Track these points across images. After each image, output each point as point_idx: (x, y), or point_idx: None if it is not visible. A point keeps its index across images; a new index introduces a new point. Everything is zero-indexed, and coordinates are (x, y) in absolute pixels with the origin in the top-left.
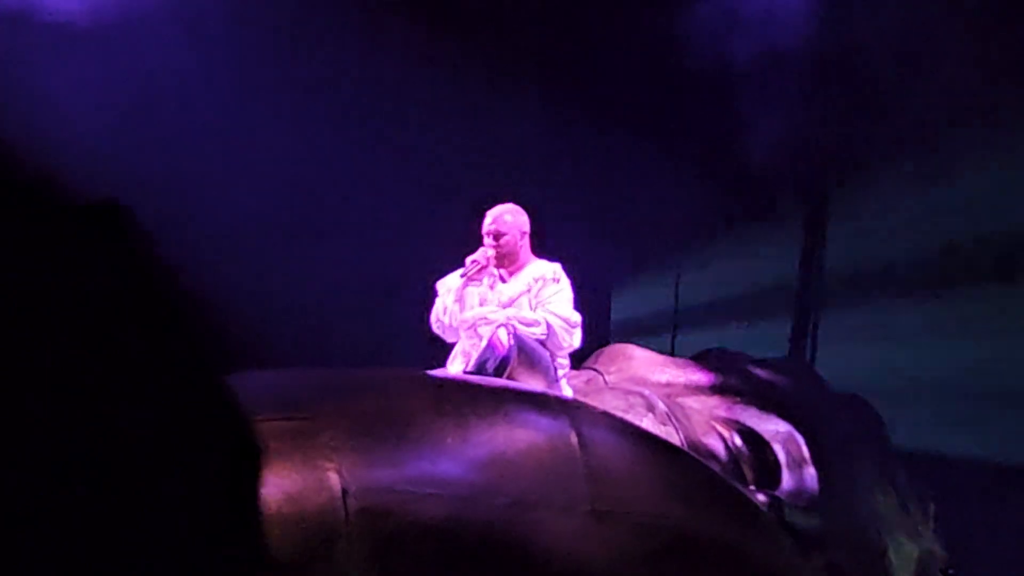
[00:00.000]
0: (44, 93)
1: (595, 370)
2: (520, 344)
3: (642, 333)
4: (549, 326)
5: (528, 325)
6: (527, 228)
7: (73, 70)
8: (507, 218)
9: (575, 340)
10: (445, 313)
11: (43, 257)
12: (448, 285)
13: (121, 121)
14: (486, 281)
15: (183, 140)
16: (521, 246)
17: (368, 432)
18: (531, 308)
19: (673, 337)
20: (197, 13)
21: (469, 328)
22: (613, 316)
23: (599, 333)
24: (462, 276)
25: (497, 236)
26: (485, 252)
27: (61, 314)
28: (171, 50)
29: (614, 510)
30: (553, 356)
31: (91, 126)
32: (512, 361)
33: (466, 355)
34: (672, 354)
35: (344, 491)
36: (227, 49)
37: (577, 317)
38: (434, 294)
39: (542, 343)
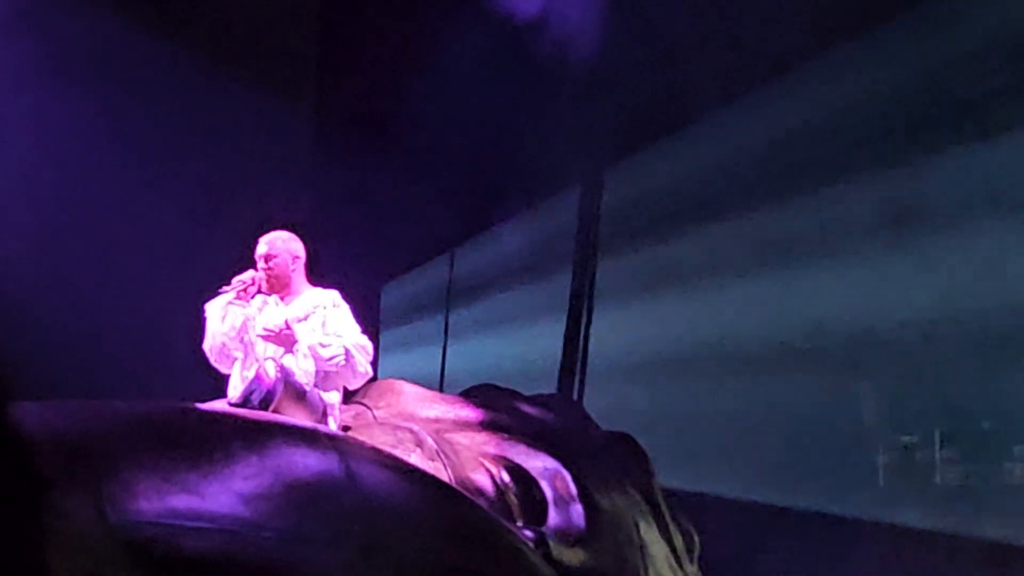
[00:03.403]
0: None
1: (364, 405)
2: (286, 378)
3: (413, 341)
4: (348, 353)
5: (325, 347)
6: (300, 254)
7: None
8: (278, 243)
9: (369, 368)
10: (212, 333)
11: None
12: (216, 306)
13: None
14: (255, 304)
15: None
16: (293, 271)
17: (135, 464)
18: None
19: (445, 338)
20: None
21: (236, 339)
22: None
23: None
24: (223, 292)
25: (267, 259)
26: (254, 274)
27: None
28: None
29: (381, 545)
30: (334, 388)
31: None
32: (278, 394)
33: (245, 381)
34: (443, 357)
35: (109, 524)
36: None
37: (369, 343)
38: (204, 318)
39: (326, 370)
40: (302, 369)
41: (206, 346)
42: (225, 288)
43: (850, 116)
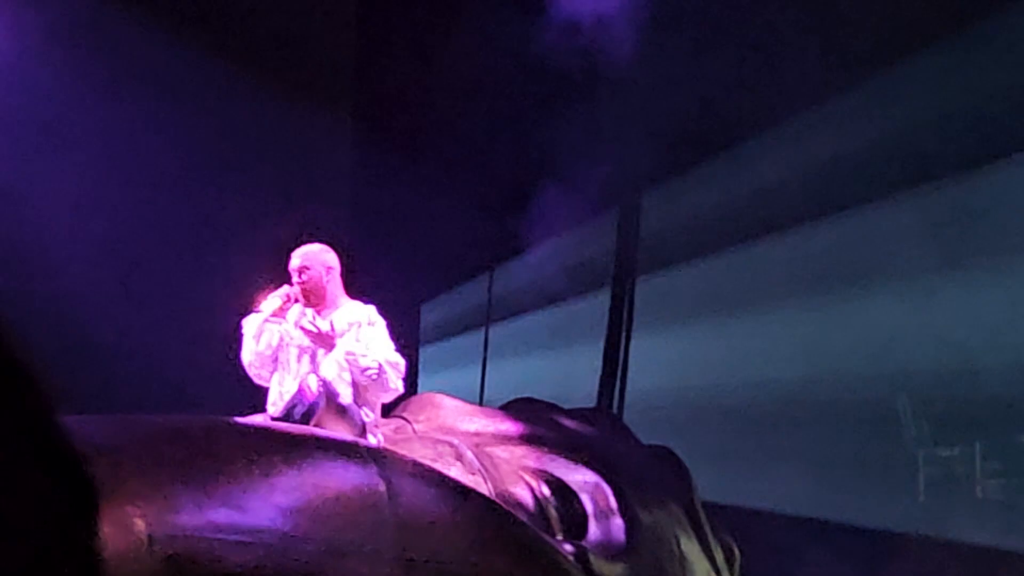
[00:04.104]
0: None
1: (403, 418)
2: (328, 392)
3: (454, 358)
4: (381, 367)
5: (363, 356)
6: (333, 265)
7: None
8: (311, 256)
9: (400, 384)
10: (248, 351)
11: None
12: (252, 324)
13: None
14: (291, 317)
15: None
16: (328, 282)
17: (176, 478)
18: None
19: (484, 355)
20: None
21: (272, 357)
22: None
23: (408, 361)
24: (258, 311)
25: (301, 272)
26: (288, 290)
27: None
28: None
29: (421, 558)
30: (367, 403)
31: None
32: (320, 408)
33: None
34: (483, 374)
35: (150, 538)
36: (44, 91)
37: (402, 360)
38: (241, 334)
39: (359, 384)
40: (343, 381)
41: (245, 362)
42: (260, 307)
43: (898, 139)
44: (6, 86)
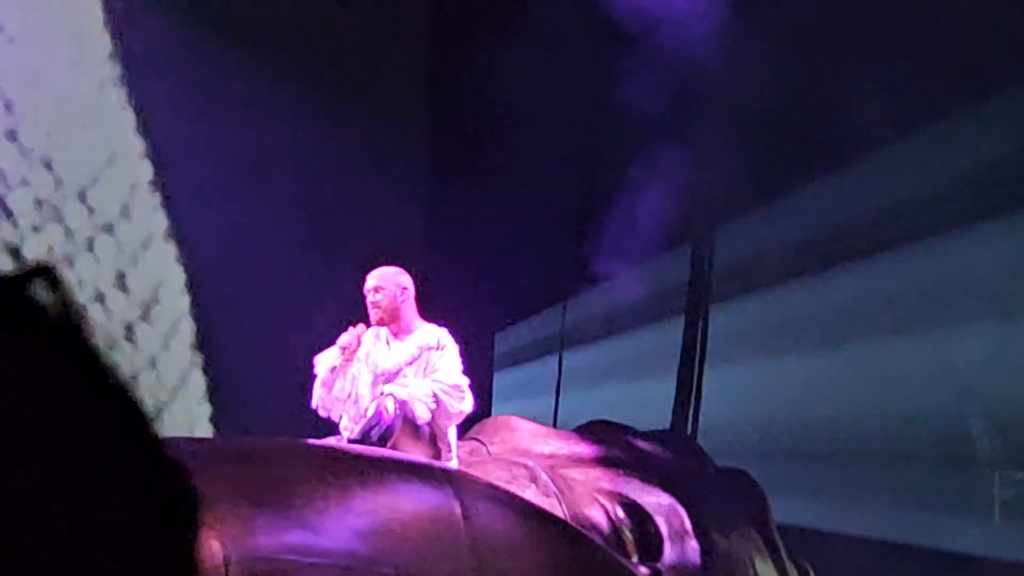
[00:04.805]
0: None
1: (478, 441)
2: (405, 414)
3: (527, 388)
4: (436, 397)
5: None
6: (408, 286)
7: None
8: (386, 276)
9: (465, 405)
10: (319, 397)
11: None
12: (324, 367)
13: None
14: (366, 342)
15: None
16: (402, 302)
17: (251, 500)
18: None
19: (558, 382)
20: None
21: (348, 401)
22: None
23: (483, 386)
24: (339, 355)
25: (376, 291)
26: (354, 331)
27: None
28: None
29: None
30: (438, 428)
31: None
32: (396, 431)
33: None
34: (556, 402)
35: (226, 559)
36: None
37: (464, 381)
38: (313, 374)
39: (432, 414)
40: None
41: (314, 404)
42: (327, 354)
43: (986, 168)
44: None
